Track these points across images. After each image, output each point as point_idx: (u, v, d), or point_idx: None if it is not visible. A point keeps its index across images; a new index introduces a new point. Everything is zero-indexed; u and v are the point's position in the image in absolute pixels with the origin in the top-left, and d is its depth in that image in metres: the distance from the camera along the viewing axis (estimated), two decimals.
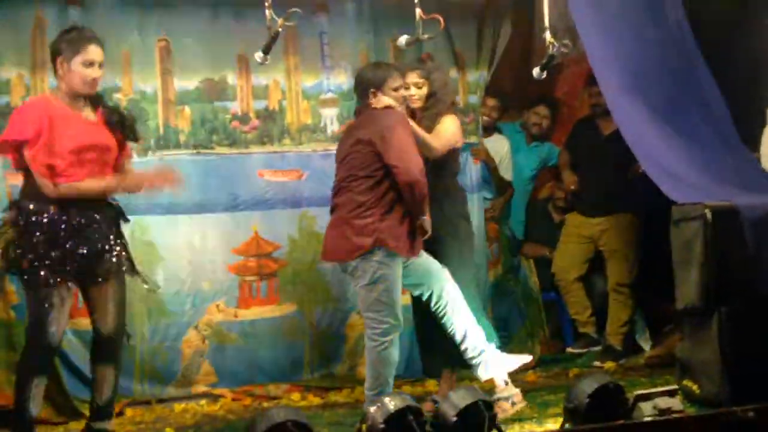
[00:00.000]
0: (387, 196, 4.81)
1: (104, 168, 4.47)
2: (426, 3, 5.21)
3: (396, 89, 4.92)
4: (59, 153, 4.32)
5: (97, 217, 4.43)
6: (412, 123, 5.01)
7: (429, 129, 5.12)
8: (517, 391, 5.08)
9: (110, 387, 4.55)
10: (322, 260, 5.26)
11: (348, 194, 4.85)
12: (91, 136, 4.44)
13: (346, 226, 4.84)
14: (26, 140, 4.31)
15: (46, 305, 4.31)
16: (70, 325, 5.25)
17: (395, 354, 4.89)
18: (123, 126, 4.55)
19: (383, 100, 4.87)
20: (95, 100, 4.55)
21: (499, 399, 4.99)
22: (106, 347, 4.53)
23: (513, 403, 5.01)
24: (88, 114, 4.50)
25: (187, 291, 5.78)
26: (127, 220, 4.64)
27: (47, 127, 4.31)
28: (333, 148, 5.86)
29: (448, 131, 5.14)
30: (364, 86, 4.93)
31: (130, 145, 4.71)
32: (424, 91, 5.18)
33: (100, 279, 4.45)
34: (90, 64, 4.41)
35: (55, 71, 4.48)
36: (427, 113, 5.19)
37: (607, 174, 6.41)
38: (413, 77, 5.18)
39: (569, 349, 6.61)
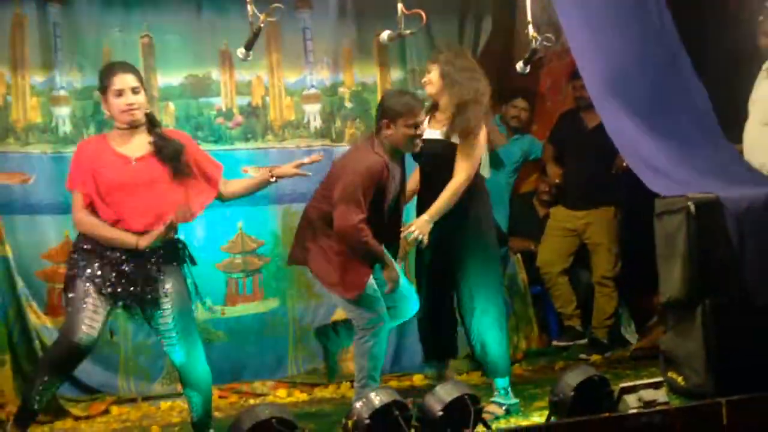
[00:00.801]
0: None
1: (156, 202, 4.38)
2: None
3: (408, 126, 4.79)
4: (103, 192, 4.35)
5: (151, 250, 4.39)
6: (433, 210, 4.88)
7: (455, 125, 4.90)
8: (516, 401, 5.06)
9: (197, 410, 4.52)
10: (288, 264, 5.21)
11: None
12: (130, 174, 4.38)
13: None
14: (73, 189, 4.41)
15: (79, 308, 4.29)
16: (55, 324, 5.28)
17: (380, 347, 4.88)
18: (166, 156, 4.43)
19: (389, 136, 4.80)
20: (151, 130, 4.48)
21: (494, 402, 5.01)
22: (184, 373, 4.50)
23: (507, 410, 5.00)
24: (137, 150, 4.43)
25: None
26: (193, 263, 4.61)
27: (90, 173, 4.34)
28: (316, 144, 5.89)
29: (474, 150, 4.90)
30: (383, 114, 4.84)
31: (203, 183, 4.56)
32: (435, 74, 4.96)
33: (154, 307, 4.42)
34: (119, 93, 4.39)
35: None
36: (441, 100, 4.99)
37: (591, 167, 6.43)
38: (428, 64, 5.08)
39: (555, 343, 6.62)
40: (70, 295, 4.34)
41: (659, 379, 4.62)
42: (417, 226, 4.84)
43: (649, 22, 5.36)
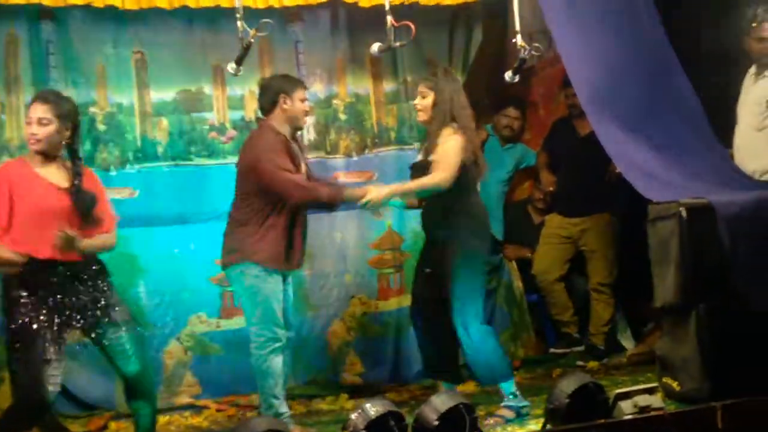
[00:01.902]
0: (261, 212, 4.93)
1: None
2: (399, 11, 5.26)
3: (303, 100, 5.05)
4: (16, 216, 4.32)
5: (83, 268, 4.42)
6: (405, 183, 5.12)
7: (433, 143, 5.05)
8: (527, 403, 5.10)
9: (147, 422, 4.59)
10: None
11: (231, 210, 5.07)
12: (53, 202, 4.38)
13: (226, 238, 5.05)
14: None
15: (41, 360, 4.27)
16: None
17: (275, 366, 4.91)
18: (81, 205, 4.43)
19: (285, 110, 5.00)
20: (74, 171, 4.47)
21: (505, 406, 5.05)
22: (134, 385, 4.54)
23: (520, 415, 5.03)
24: (56, 177, 4.43)
25: (168, 302, 5.80)
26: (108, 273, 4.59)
27: (6, 194, 4.32)
28: (310, 156, 5.89)
29: (448, 155, 4.96)
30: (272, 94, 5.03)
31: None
32: (429, 101, 5.07)
33: (104, 328, 4.45)
34: (28, 122, 4.42)
35: None
36: (431, 127, 5.12)
37: (585, 174, 6.44)
38: (420, 87, 5.17)
39: (552, 350, 6.64)
40: (22, 347, 4.29)
41: (654, 384, 4.64)
42: (371, 194, 4.99)
43: (639, 27, 5.39)
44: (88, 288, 4.43)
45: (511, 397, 5.07)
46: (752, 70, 5.42)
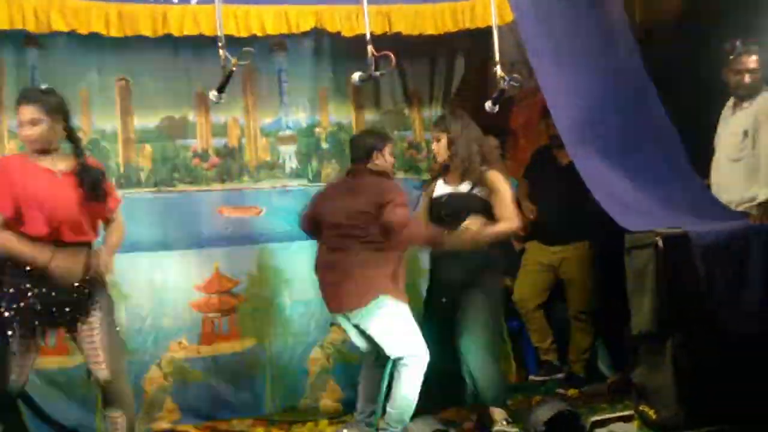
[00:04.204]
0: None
1: (70, 220, 4.42)
2: (382, 40, 5.33)
3: (392, 154, 5.31)
4: (31, 205, 4.35)
5: (68, 262, 4.41)
6: (486, 228, 5.23)
7: (480, 181, 5.34)
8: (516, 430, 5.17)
9: (123, 430, 4.57)
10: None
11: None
12: (57, 186, 4.42)
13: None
14: None
15: (9, 353, 4.30)
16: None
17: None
18: (87, 177, 4.49)
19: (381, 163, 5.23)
20: (76, 153, 4.54)
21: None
22: (108, 393, 4.52)
23: None
24: (59, 164, 4.48)
25: (149, 328, 5.81)
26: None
27: (10, 189, 4.35)
28: (291, 184, 5.94)
29: (510, 203, 5.36)
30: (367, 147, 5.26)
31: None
32: (443, 143, 5.39)
33: (81, 324, 4.45)
34: (20, 124, 4.46)
35: None
36: (452, 165, 5.40)
37: (564, 203, 6.47)
38: (433, 132, 5.51)
39: (532, 378, 6.64)
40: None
41: (630, 412, 4.67)
42: (471, 223, 5.16)
43: (617, 58, 5.46)
44: (75, 285, 4.42)
45: (503, 422, 5.17)
46: (730, 102, 5.50)
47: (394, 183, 5.25)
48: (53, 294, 4.37)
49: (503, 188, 5.33)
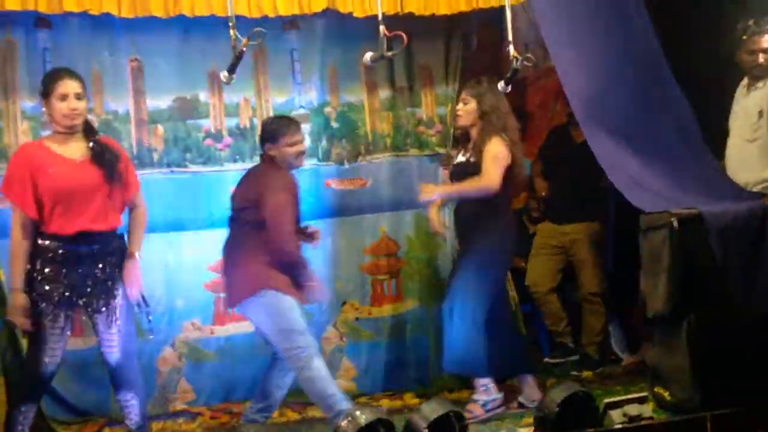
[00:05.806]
0: None
1: (93, 207, 4.48)
2: (394, 20, 5.28)
3: (292, 144, 5.07)
4: (52, 197, 4.42)
5: (97, 248, 4.50)
6: (448, 186, 5.47)
7: (477, 149, 5.37)
8: (499, 396, 5.17)
9: (137, 413, 4.65)
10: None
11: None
12: (70, 178, 4.46)
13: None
14: (11, 200, 4.50)
15: (45, 336, 4.42)
16: None
17: None
18: (104, 162, 4.53)
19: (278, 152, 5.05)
20: (89, 136, 4.57)
21: (474, 401, 5.10)
22: (118, 376, 4.60)
23: (488, 409, 5.07)
24: (76, 152, 4.52)
25: (162, 309, 5.80)
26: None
27: (28, 178, 4.41)
28: (305, 164, 5.91)
29: (495, 163, 5.31)
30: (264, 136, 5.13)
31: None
32: (471, 107, 5.43)
33: (103, 309, 4.52)
34: (63, 97, 4.47)
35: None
36: (472, 133, 5.47)
37: (577, 181, 6.46)
38: (463, 94, 5.54)
39: (546, 360, 6.63)
40: (31, 322, 4.42)
41: (644, 394, 4.65)
42: (424, 191, 5.41)
43: (632, 38, 5.38)
44: (99, 268, 4.50)
45: (481, 388, 5.23)
46: (744, 81, 5.45)
47: (278, 174, 5.00)
48: (85, 280, 4.45)
49: (493, 150, 5.33)
